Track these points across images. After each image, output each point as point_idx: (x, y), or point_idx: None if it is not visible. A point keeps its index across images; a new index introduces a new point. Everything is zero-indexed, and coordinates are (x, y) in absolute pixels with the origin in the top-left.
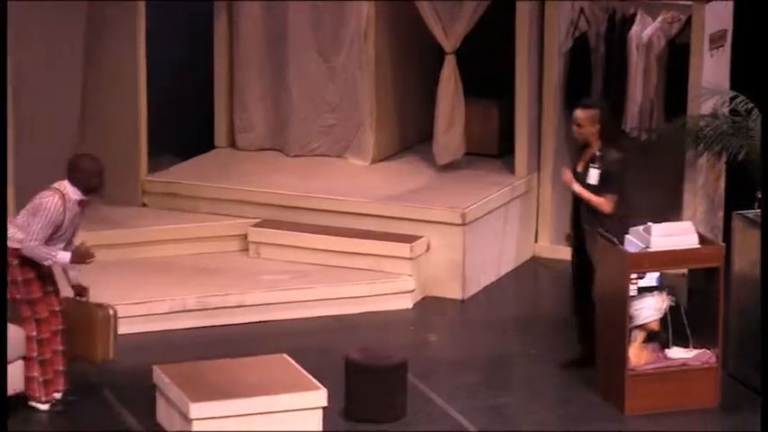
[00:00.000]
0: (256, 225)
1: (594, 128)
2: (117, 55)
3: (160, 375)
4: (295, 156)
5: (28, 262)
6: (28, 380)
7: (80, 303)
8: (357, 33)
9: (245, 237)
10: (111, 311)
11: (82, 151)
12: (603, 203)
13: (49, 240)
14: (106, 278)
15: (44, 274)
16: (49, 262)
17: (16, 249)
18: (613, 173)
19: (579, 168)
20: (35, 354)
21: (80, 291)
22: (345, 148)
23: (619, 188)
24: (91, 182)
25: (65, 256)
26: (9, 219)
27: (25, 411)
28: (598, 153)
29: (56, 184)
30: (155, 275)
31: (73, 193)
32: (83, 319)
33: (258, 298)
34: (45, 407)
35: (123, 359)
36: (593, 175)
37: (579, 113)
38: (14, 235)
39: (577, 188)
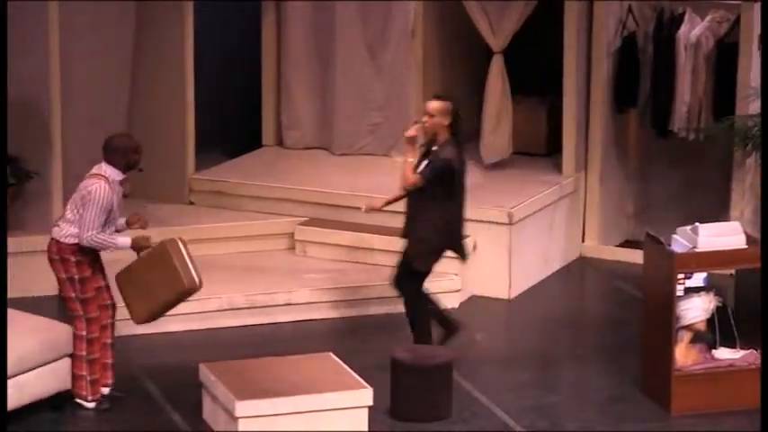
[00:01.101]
0: (303, 223)
1: (445, 120)
2: (165, 53)
3: (206, 373)
4: (341, 154)
5: (84, 260)
6: (75, 378)
7: (147, 252)
8: (404, 31)
9: (291, 235)
10: (177, 238)
11: None
12: (410, 179)
13: (102, 226)
14: None
15: (97, 269)
16: (111, 249)
17: (72, 245)
18: (436, 168)
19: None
20: (84, 352)
21: (138, 221)
22: (392, 147)
23: (434, 177)
24: (130, 159)
25: (125, 241)
26: (63, 217)
27: (70, 409)
28: (434, 148)
29: (94, 170)
30: (202, 273)
31: (115, 175)
32: (153, 262)
33: (305, 296)
34: (91, 405)
35: (169, 357)
36: (422, 167)
37: (432, 104)
38: (68, 230)
39: (405, 157)
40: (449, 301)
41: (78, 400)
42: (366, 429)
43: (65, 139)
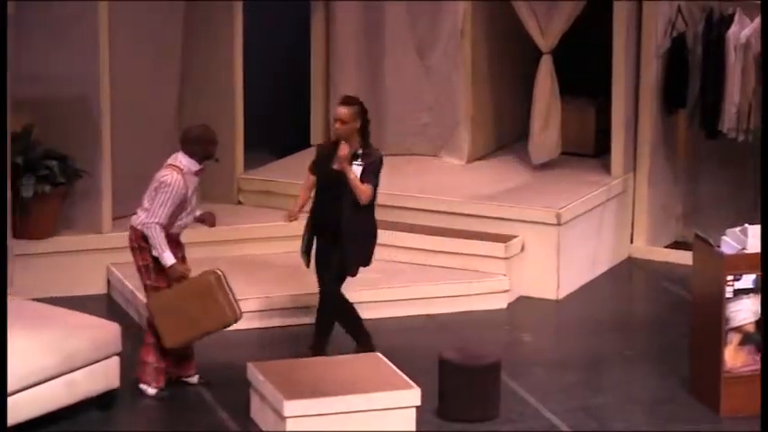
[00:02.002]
0: None
1: (357, 124)
2: (214, 53)
3: (254, 372)
4: (390, 154)
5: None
6: (141, 363)
7: (186, 283)
8: (453, 32)
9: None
10: (219, 271)
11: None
12: (366, 191)
13: (176, 217)
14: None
15: (177, 259)
16: (156, 253)
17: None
18: (375, 170)
19: (335, 165)
20: (152, 340)
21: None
22: (441, 147)
23: (376, 184)
24: (207, 149)
25: (169, 258)
26: (141, 206)
27: (119, 408)
28: (360, 151)
29: (170, 161)
30: (249, 273)
31: (190, 165)
32: (195, 293)
33: (352, 296)
34: (153, 392)
35: (217, 355)
36: (357, 172)
37: (342, 110)
38: (143, 219)
39: (352, 174)
40: (497, 302)
41: (142, 386)
42: (414, 429)
43: (113, 139)
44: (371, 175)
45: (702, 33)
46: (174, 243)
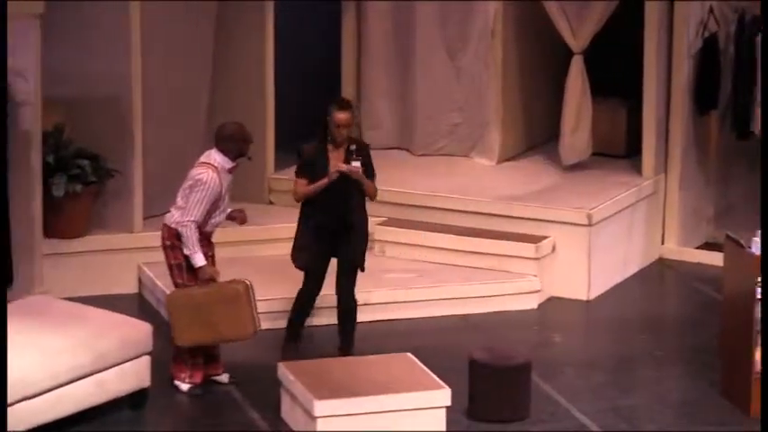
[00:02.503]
0: (382, 223)
1: (352, 126)
2: (245, 53)
3: (284, 372)
4: (421, 155)
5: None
6: (175, 360)
7: (214, 286)
8: (484, 32)
9: (370, 235)
10: (248, 282)
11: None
12: (375, 187)
13: (210, 214)
14: (232, 274)
15: (207, 259)
16: (188, 252)
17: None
18: (371, 162)
19: (341, 170)
20: None
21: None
22: (471, 148)
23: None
24: (241, 147)
25: (200, 259)
26: (175, 204)
27: (149, 407)
28: (353, 147)
29: (203, 158)
30: (280, 272)
31: (224, 162)
32: (221, 299)
33: (383, 296)
34: (186, 387)
35: (247, 355)
36: (359, 170)
37: (343, 115)
38: (177, 217)
39: (360, 174)
40: (528, 303)
41: (176, 383)
42: (444, 430)
43: (145, 138)
44: (371, 168)
45: (734, 34)
46: (206, 241)
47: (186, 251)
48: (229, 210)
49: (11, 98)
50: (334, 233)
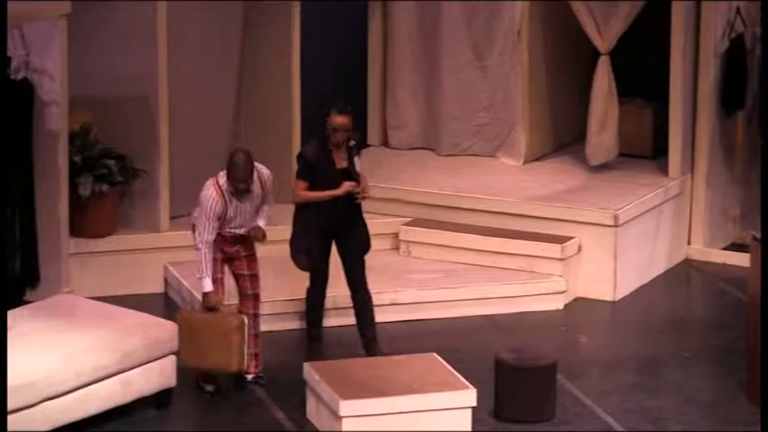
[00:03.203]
0: (407, 224)
1: (350, 130)
2: (271, 54)
3: (310, 372)
4: (447, 155)
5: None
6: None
7: (214, 315)
8: (510, 32)
9: (396, 235)
10: (244, 318)
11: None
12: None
13: (223, 227)
14: (264, 273)
15: (242, 257)
16: (197, 275)
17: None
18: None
19: (340, 165)
20: (253, 330)
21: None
22: (497, 148)
23: None
24: (234, 174)
25: (207, 284)
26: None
27: (174, 407)
28: (352, 143)
29: (220, 174)
30: (306, 273)
31: (226, 185)
32: (216, 329)
33: (409, 297)
34: (250, 377)
35: (272, 355)
36: (359, 164)
37: (341, 119)
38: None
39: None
40: (553, 303)
41: (200, 383)
42: (470, 430)
43: (171, 138)
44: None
45: (761, 34)
46: (228, 243)
47: (196, 276)
48: (255, 222)
49: (37, 98)
50: (336, 231)
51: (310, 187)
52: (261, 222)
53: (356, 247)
